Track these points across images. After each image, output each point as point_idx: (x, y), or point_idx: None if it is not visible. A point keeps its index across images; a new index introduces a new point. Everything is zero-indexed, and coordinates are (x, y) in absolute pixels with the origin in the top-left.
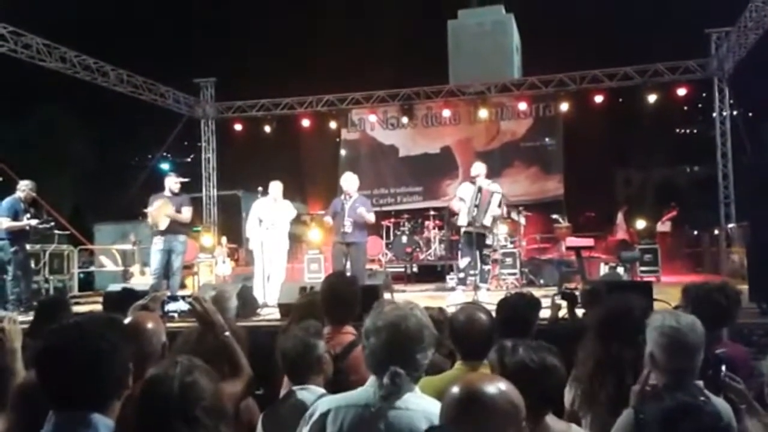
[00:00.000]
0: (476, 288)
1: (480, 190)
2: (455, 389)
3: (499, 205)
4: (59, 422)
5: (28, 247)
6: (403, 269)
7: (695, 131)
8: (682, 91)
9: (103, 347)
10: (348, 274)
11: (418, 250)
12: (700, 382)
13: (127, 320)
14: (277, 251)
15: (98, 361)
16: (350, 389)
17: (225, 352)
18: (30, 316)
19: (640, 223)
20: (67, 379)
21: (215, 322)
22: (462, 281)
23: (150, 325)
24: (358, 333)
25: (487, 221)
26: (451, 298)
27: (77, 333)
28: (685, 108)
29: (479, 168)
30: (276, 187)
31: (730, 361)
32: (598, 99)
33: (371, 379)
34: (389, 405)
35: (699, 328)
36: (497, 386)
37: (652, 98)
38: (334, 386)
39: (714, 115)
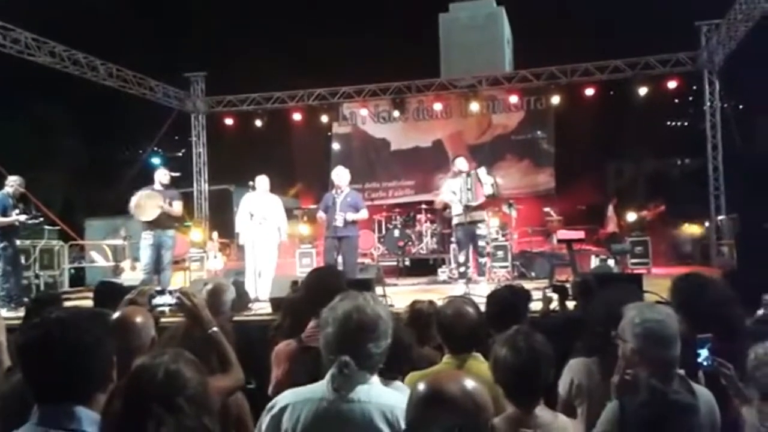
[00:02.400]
0: (470, 281)
1: (469, 174)
2: (420, 386)
3: (489, 174)
4: (43, 415)
5: (18, 242)
6: (395, 263)
7: (686, 124)
8: (672, 84)
9: (85, 340)
10: (339, 268)
11: (410, 243)
12: (681, 371)
13: (115, 315)
14: (267, 246)
15: (81, 354)
16: None
17: (213, 346)
18: (20, 312)
19: (631, 216)
20: (49, 371)
21: (203, 317)
22: (463, 275)
23: (139, 320)
24: None
25: (487, 190)
26: (453, 293)
27: (58, 325)
28: (676, 100)
29: (462, 164)
30: (263, 181)
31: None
32: (589, 92)
33: (328, 372)
34: (342, 398)
35: (674, 318)
36: (461, 385)
37: (642, 91)
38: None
39: (704, 107)
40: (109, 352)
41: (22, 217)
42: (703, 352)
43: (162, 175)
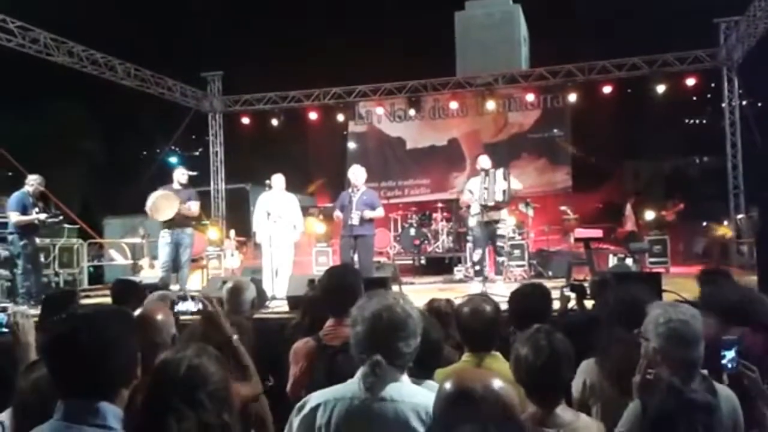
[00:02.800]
0: (487, 279)
1: (486, 173)
2: (447, 385)
3: (505, 178)
4: (68, 411)
5: (38, 241)
6: (411, 261)
7: (704, 122)
8: (690, 81)
9: (108, 335)
10: (356, 266)
11: (426, 242)
12: (705, 371)
13: (137, 312)
14: (284, 244)
15: (105, 350)
16: None
17: (231, 351)
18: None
19: (649, 214)
20: (74, 367)
21: (223, 325)
22: (479, 273)
23: (160, 317)
24: None
25: (498, 196)
26: (470, 292)
27: (84, 322)
28: (694, 98)
29: (485, 162)
30: (279, 179)
31: (745, 349)
32: (607, 90)
33: (359, 371)
34: (374, 397)
35: (699, 319)
36: (486, 384)
37: (660, 88)
38: (334, 381)
39: (723, 105)
40: (132, 348)
41: (42, 216)
42: (729, 354)
43: (180, 175)
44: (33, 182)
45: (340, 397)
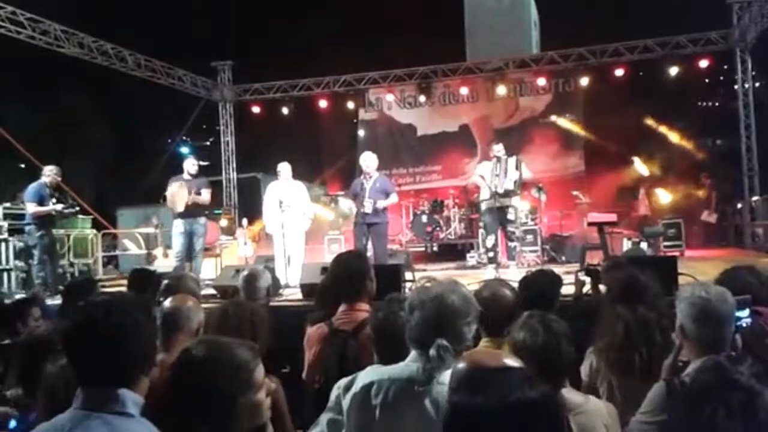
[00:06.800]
0: (500, 265)
1: (498, 159)
2: (461, 365)
3: (517, 168)
4: (87, 398)
5: (53, 231)
6: (423, 249)
7: (717, 104)
8: (703, 63)
9: (129, 323)
10: (369, 254)
11: (438, 229)
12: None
13: (168, 300)
14: (295, 232)
15: (125, 337)
16: (360, 368)
17: (248, 328)
18: (56, 300)
19: (664, 197)
20: (94, 354)
21: None
22: (492, 260)
23: (188, 305)
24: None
25: (508, 185)
26: (483, 278)
27: (103, 309)
28: (707, 80)
29: (500, 150)
30: (285, 167)
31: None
32: (619, 73)
33: (413, 354)
34: (433, 380)
35: (729, 299)
36: (498, 361)
37: (673, 71)
38: (345, 365)
39: (736, 87)
40: (151, 335)
41: (59, 207)
42: (743, 313)
43: (190, 165)
44: (50, 173)
45: (396, 377)
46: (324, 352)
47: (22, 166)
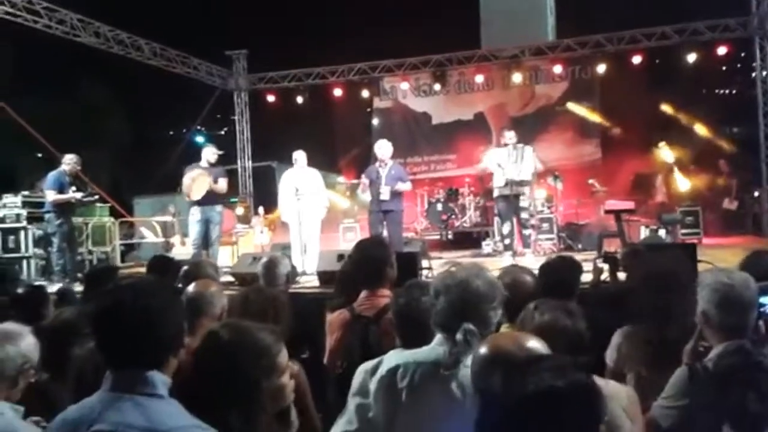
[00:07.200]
0: (516, 253)
1: (514, 147)
2: (482, 349)
3: (533, 158)
4: (116, 381)
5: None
6: (438, 237)
7: (734, 91)
8: (722, 50)
9: (156, 305)
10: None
11: (453, 217)
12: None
13: (191, 286)
14: (311, 220)
15: (153, 319)
16: (383, 353)
17: (270, 313)
18: (77, 287)
19: (683, 184)
20: (123, 337)
21: None
22: (508, 247)
23: (212, 289)
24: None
25: (524, 175)
26: (500, 266)
27: (130, 292)
28: (725, 68)
29: (512, 137)
30: (301, 155)
31: None
32: (636, 60)
33: (438, 338)
34: (460, 364)
35: (752, 285)
36: (521, 344)
37: (691, 58)
38: (367, 350)
39: (754, 74)
40: (179, 317)
41: (79, 195)
42: (766, 299)
43: (210, 154)
44: (69, 161)
45: (422, 360)
46: (346, 338)
47: (40, 155)
